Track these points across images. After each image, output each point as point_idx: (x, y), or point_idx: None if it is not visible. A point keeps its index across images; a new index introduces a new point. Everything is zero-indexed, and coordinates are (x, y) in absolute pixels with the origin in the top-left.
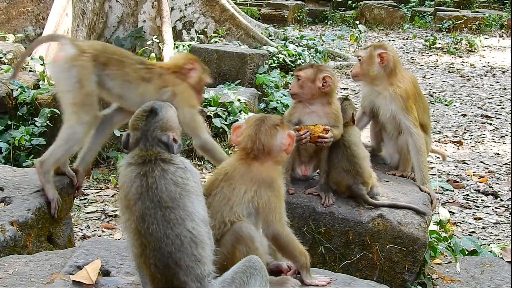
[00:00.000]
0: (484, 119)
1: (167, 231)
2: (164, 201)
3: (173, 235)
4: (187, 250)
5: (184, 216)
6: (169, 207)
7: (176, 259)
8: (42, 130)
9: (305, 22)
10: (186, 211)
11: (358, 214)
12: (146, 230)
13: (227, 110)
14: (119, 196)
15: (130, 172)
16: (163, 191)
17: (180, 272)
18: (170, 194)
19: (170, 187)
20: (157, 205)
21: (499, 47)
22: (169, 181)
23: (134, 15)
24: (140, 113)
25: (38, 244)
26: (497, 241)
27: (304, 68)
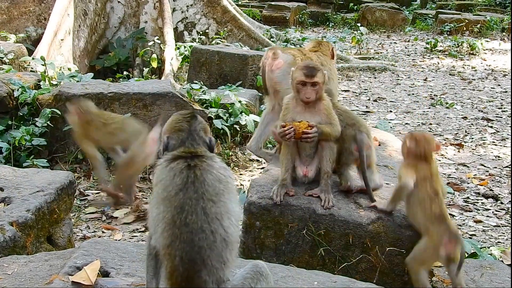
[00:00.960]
0: (485, 122)
1: (204, 224)
2: (209, 194)
3: (208, 230)
4: (217, 249)
5: (223, 213)
6: (211, 200)
7: (204, 256)
8: (42, 130)
9: (307, 24)
10: (226, 208)
11: (358, 216)
12: (183, 220)
13: (228, 112)
14: (155, 191)
15: (176, 165)
16: (209, 185)
17: (204, 271)
18: (214, 189)
19: (215, 182)
20: (201, 197)
21: (501, 50)
22: (214, 176)
23: (135, 16)
24: (181, 117)
25: (37, 245)
26: (497, 244)
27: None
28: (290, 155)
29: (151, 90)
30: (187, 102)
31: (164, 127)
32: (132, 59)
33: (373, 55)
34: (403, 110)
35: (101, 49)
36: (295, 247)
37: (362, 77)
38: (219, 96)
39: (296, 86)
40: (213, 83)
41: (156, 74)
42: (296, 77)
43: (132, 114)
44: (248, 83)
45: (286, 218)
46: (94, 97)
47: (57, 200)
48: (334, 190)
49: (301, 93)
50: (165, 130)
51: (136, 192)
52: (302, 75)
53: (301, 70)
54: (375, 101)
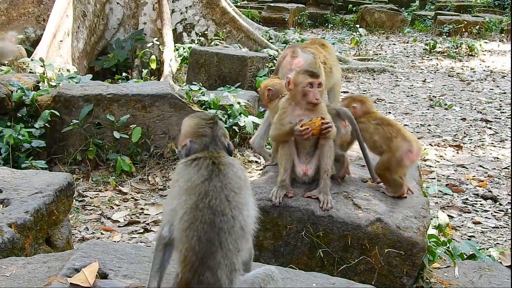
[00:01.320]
0: (483, 123)
1: (226, 209)
2: (231, 185)
3: (230, 215)
4: (235, 235)
5: (243, 203)
6: (233, 191)
7: (222, 238)
8: (41, 131)
9: (306, 25)
10: (245, 200)
11: (356, 217)
12: (206, 203)
13: (227, 113)
14: (176, 185)
15: (202, 161)
16: (232, 178)
17: (220, 252)
18: (236, 183)
19: (236, 178)
20: (224, 186)
21: (499, 51)
22: (235, 173)
23: (134, 17)
24: (204, 122)
25: (36, 246)
26: (496, 245)
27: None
28: (289, 155)
29: (150, 92)
30: (186, 103)
31: (185, 130)
32: (131, 61)
33: (372, 56)
34: (402, 111)
35: (100, 50)
36: (293, 248)
37: (361, 79)
38: (218, 97)
39: (303, 90)
40: (212, 84)
41: (155, 75)
42: (302, 80)
43: (131, 115)
44: (247, 84)
45: (284, 220)
46: (93, 98)
47: (56, 201)
48: (333, 192)
49: (309, 96)
50: (187, 133)
51: None
52: (308, 78)
53: (304, 73)
54: (374, 103)
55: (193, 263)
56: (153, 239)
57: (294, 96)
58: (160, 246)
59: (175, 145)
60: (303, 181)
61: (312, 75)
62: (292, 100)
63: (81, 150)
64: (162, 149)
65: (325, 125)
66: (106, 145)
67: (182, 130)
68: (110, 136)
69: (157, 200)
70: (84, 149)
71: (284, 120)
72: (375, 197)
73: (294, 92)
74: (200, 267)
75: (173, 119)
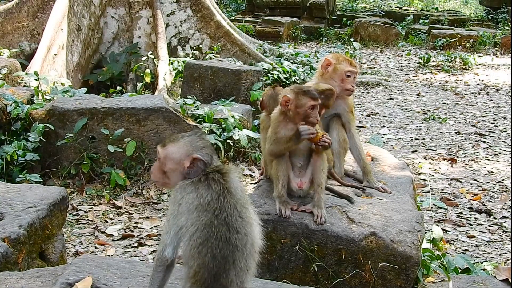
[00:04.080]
0: (477, 137)
1: (240, 226)
2: (241, 201)
3: (243, 232)
4: (246, 252)
5: (252, 219)
6: (244, 207)
7: (236, 256)
8: (35, 145)
9: (300, 39)
10: (253, 216)
11: (351, 232)
12: (222, 220)
13: (222, 127)
14: (183, 202)
15: (211, 177)
16: (239, 193)
17: (233, 271)
18: (243, 197)
19: (243, 192)
20: (237, 202)
21: (493, 65)
22: (241, 187)
23: (129, 31)
24: (194, 135)
25: (29, 261)
26: (490, 259)
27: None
28: (285, 170)
29: (145, 105)
30: (180, 117)
31: (183, 151)
32: (126, 74)
33: (366, 70)
34: (396, 125)
35: (95, 64)
36: (288, 262)
37: (355, 92)
38: (213, 111)
39: (306, 112)
40: (207, 98)
41: (150, 89)
42: (305, 103)
43: (125, 129)
44: (241, 98)
45: (278, 234)
46: (87, 112)
47: (50, 215)
48: (327, 205)
49: (311, 117)
50: (187, 151)
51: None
52: (311, 101)
53: (306, 96)
54: (368, 116)
55: (205, 279)
56: (147, 253)
57: (292, 116)
58: (161, 267)
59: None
60: (298, 195)
61: (314, 98)
62: (286, 115)
63: (75, 163)
64: None
65: (325, 138)
66: (100, 159)
67: (176, 154)
68: (104, 149)
69: (152, 214)
70: (78, 162)
71: (280, 134)
72: (369, 211)
73: (293, 113)
74: (212, 284)
75: (167, 132)
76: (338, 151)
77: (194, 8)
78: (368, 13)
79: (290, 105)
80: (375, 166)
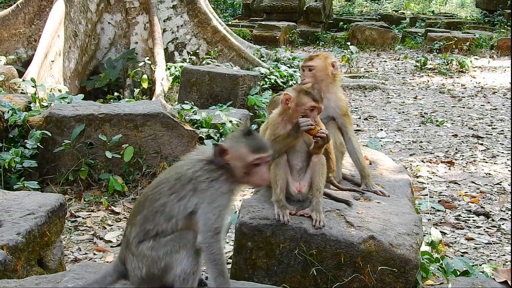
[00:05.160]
0: (475, 139)
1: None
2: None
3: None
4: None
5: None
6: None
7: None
8: (33, 152)
9: (297, 43)
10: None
11: (349, 235)
12: None
13: (219, 132)
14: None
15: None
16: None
17: None
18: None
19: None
20: None
21: (490, 67)
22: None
23: (126, 36)
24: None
25: (28, 268)
26: (489, 261)
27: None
28: (283, 174)
29: (142, 111)
30: (178, 122)
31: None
32: (123, 80)
33: (363, 73)
34: (394, 128)
35: (92, 70)
36: (287, 267)
37: (353, 96)
38: (210, 116)
39: (305, 112)
40: (204, 103)
41: (147, 94)
42: (306, 102)
43: (123, 135)
44: (238, 103)
45: (277, 238)
46: (85, 118)
47: (48, 223)
48: (325, 209)
49: (309, 118)
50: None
51: None
52: (312, 101)
53: (308, 96)
54: (366, 120)
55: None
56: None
57: (290, 114)
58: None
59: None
60: (297, 199)
61: (316, 100)
62: (285, 116)
63: (73, 170)
64: (154, 168)
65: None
66: (98, 165)
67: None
68: (102, 156)
69: None
70: (76, 169)
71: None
72: (367, 214)
73: (293, 112)
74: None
75: (165, 138)
76: (336, 155)
77: (190, 13)
78: (364, 17)
79: (290, 103)
80: (373, 169)
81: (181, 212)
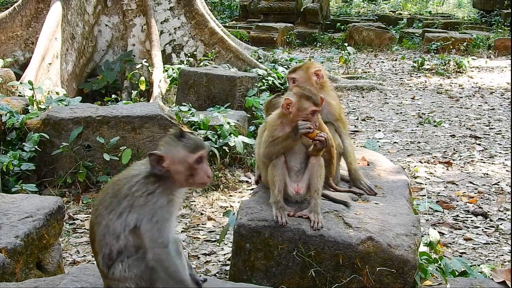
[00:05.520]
0: (473, 139)
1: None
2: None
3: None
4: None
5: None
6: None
7: None
8: (31, 155)
9: (294, 44)
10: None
11: (348, 236)
12: None
13: (217, 133)
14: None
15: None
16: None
17: None
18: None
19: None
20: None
21: (487, 67)
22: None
23: (123, 38)
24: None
25: (27, 271)
26: (487, 261)
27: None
28: (281, 175)
29: (140, 113)
30: (176, 124)
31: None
32: (120, 82)
33: (361, 74)
34: (392, 129)
35: (89, 72)
36: (285, 268)
37: (350, 97)
38: (208, 118)
39: (306, 116)
40: (202, 105)
41: (145, 96)
42: (307, 107)
43: (121, 137)
44: (236, 104)
45: (276, 240)
46: (82, 121)
47: (46, 225)
48: (324, 211)
49: (311, 122)
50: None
51: None
52: (313, 106)
53: (309, 100)
54: (364, 121)
55: None
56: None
57: (291, 119)
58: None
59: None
60: (295, 200)
61: (316, 104)
62: (284, 119)
63: (71, 172)
64: None
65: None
66: (96, 167)
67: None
68: (100, 158)
69: None
70: (74, 171)
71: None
72: (365, 215)
73: (294, 116)
74: None
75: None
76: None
77: (188, 15)
78: (362, 18)
79: (291, 108)
80: (371, 170)
81: (125, 228)
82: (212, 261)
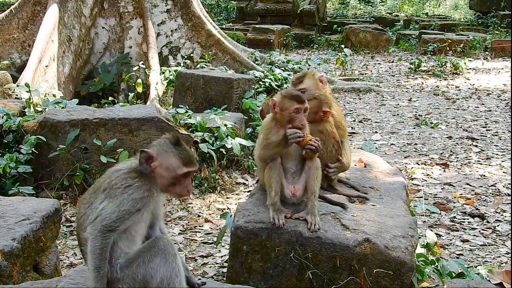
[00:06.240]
0: (469, 141)
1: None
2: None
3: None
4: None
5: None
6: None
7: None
8: (28, 157)
9: (291, 46)
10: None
11: (345, 238)
12: None
13: (214, 135)
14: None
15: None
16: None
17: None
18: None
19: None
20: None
21: (484, 69)
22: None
23: (120, 41)
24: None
25: (24, 274)
26: (484, 263)
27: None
28: (278, 177)
29: (137, 115)
30: (173, 126)
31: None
32: (117, 84)
33: (358, 76)
34: (388, 131)
35: (86, 74)
36: (282, 270)
37: (347, 98)
38: (205, 120)
39: (291, 115)
40: (199, 107)
41: (142, 99)
42: (289, 106)
43: (118, 139)
44: (233, 106)
45: (273, 242)
46: (79, 123)
47: (43, 228)
48: (321, 212)
49: (295, 121)
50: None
51: None
52: (295, 104)
53: (291, 98)
54: (360, 122)
55: None
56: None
57: (279, 118)
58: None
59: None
60: (292, 202)
61: (299, 101)
62: (277, 121)
63: (68, 175)
64: None
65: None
66: (93, 170)
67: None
68: (97, 160)
69: None
70: (71, 174)
71: (271, 140)
72: (363, 217)
73: (280, 116)
74: None
75: None
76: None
77: (184, 17)
78: (358, 20)
79: (276, 107)
80: (368, 172)
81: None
82: (209, 263)
